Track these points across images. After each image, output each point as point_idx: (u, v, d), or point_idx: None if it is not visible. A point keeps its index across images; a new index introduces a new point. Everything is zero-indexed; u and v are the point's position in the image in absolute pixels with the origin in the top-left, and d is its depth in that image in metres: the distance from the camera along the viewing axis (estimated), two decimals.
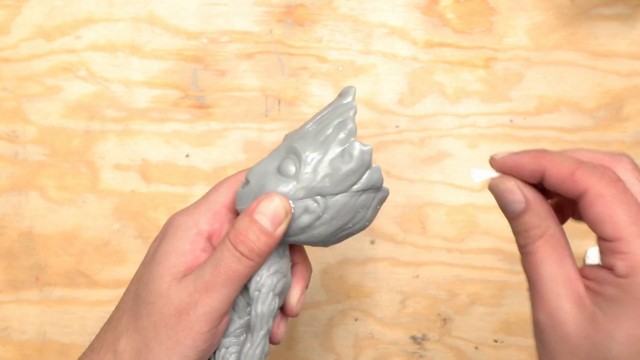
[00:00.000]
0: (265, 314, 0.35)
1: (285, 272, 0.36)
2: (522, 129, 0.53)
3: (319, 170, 0.34)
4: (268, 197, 0.33)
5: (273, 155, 0.36)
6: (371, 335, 0.53)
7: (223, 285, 0.33)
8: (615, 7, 0.53)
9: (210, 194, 0.36)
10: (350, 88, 0.35)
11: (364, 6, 0.53)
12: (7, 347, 0.53)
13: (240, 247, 0.33)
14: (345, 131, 0.34)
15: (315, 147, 0.34)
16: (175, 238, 0.35)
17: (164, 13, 0.53)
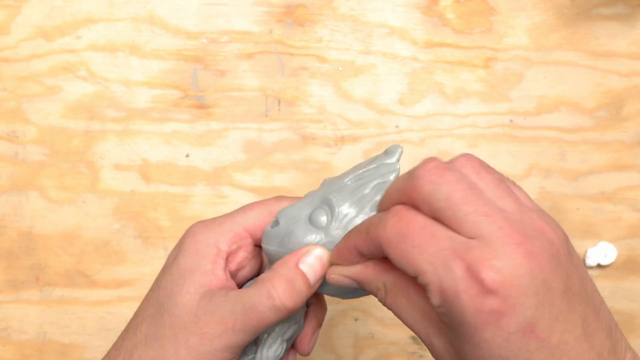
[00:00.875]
0: (270, 358, 0.35)
1: (297, 318, 0.36)
2: (522, 129, 0.53)
3: (350, 228, 0.33)
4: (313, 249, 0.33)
5: (307, 201, 0.35)
6: (371, 335, 0.53)
7: (251, 328, 0.32)
8: (615, 7, 0.53)
9: (237, 213, 0.36)
10: (397, 148, 0.34)
11: (364, 6, 0.53)
12: (7, 347, 0.53)
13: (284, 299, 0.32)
14: (383, 194, 0.33)
15: (350, 204, 0.33)
16: (197, 255, 0.34)
17: (164, 13, 0.53)
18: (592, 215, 0.53)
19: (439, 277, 0.26)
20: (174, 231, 0.53)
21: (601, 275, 0.53)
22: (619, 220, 0.53)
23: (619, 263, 0.53)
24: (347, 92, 0.53)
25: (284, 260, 0.33)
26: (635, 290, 0.53)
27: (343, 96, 0.53)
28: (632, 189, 0.53)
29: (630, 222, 0.53)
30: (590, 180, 0.53)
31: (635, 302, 0.53)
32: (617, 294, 0.53)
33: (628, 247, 0.53)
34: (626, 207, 0.53)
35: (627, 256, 0.53)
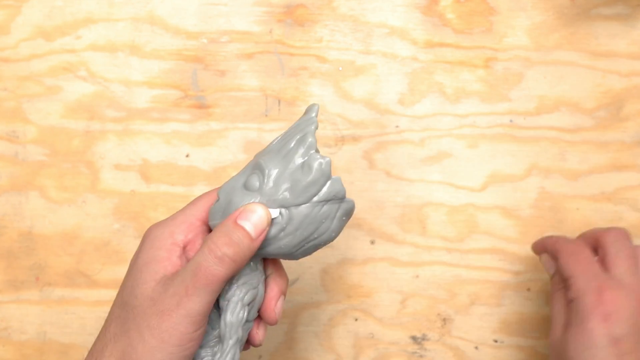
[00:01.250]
0: (235, 324, 0.36)
1: (255, 284, 0.37)
2: (522, 129, 0.53)
3: (280, 183, 0.36)
4: (250, 205, 0.35)
5: (241, 173, 0.37)
6: (371, 335, 0.53)
7: (203, 288, 0.34)
8: (615, 7, 0.53)
9: (187, 208, 0.38)
10: (314, 105, 0.37)
11: (364, 6, 0.53)
12: (7, 347, 0.53)
13: (223, 249, 0.34)
14: (304, 145, 0.36)
15: (278, 161, 0.36)
16: (153, 248, 0.36)
17: (164, 13, 0.53)
18: (592, 215, 0.53)
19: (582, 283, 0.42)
20: None
21: None
22: (619, 220, 0.53)
23: None
24: (347, 92, 0.53)
25: (224, 220, 0.35)
26: None
27: (343, 96, 0.53)
28: (632, 189, 0.53)
29: (630, 222, 0.53)
30: (590, 180, 0.53)
31: None
32: None
33: None
34: (626, 207, 0.53)
35: None
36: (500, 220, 0.53)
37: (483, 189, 0.53)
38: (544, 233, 0.53)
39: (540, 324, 0.53)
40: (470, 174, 0.53)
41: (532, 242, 0.50)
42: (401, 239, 0.53)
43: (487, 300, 0.53)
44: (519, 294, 0.53)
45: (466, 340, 0.53)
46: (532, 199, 0.53)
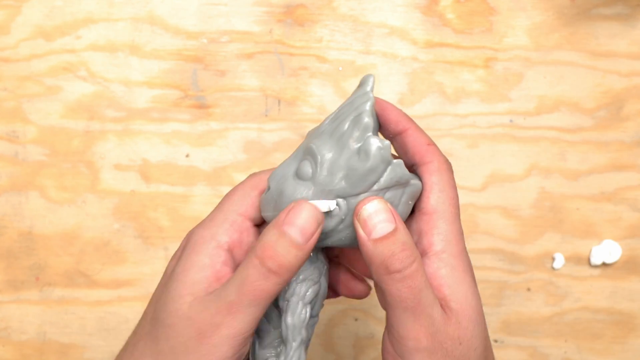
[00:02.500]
0: (297, 325, 0.33)
1: (316, 278, 0.34)
2: (522, 129, 0.53)
3: (335, 171, 0.32)
4: (298, 205, 0.31)
5: (292, 156, 0.34)
6: (371, 335, 0.53)
7: (249, 305, 0.30)
8: (615, 7, 0.53)
9: (223, 204, 0.34)
10: (368, 76, 0.33)
11: (364, 6, 0.53)
12: (7, 347, 0.53)
13: (269, 263, 0.30)
14: (360, 127, 0.32)
15: (331, 146, 0.32)
16: (193, 253, 0.32)
17: (164, 13, 0.53)
18: (592, 215, 0.53)
19: None
20: (174, 231, 0.53)
21: (602, 275, 0.53)
22: (619, 220, 0.53)
23: (619, 263, 0.53)
24: (347, 92, 0.53)
25: (270, 224, 0.31)
26: (636, 290, 0.53)
27: (343, 96, 0.53)
28: (632, 189, 0.53)
29: (630, 222, 0.53)
30: (590, 180, 0.53)
31: (635, 302, 0.53)
32: (617, 294, 0.53)
33: (628, 247, 0.53)
34: (626, 207, 0.53)
35: (628, 256, 0.53)
36: (500, 220, 0.53)
37: (483, 189, 0.53)
38: (544, 233, 0.53)
39: (540, 324, 0.53)
40: (470, 174, 0.53)
41: (532, 242, 0.50)
42: None
43: (487, 300, 0.53)
44: (519, 294, 0.53)
45: None
46: (532, 199, 0.53)
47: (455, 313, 0.31)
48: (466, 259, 0.33)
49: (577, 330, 0.53)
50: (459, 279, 0.32)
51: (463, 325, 0.31)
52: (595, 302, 0.53)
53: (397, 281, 0.30)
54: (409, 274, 0.30)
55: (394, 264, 0.30)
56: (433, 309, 0.30)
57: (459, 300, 0.31)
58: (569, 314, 0.53)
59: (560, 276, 0.53)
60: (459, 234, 0.33)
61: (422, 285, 0.30)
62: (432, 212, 0.32)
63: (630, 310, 0.53)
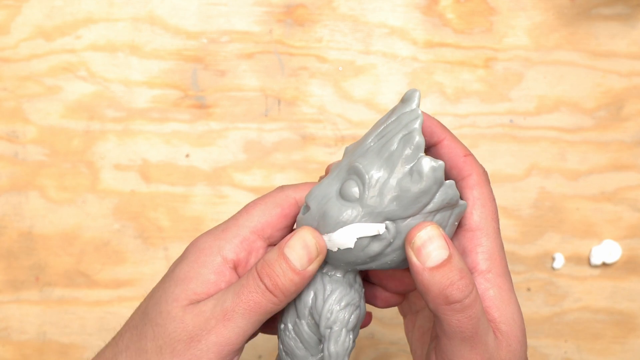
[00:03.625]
0: (340, 354, 0.32)
1: (357, 302, 0.33)
2: (522, 129, 0.53)
3: (386, 192, 0.30)
4: (301, 231, 0.31)
5: (333, 175, 0.32)
6: (371, 335, 0.53)
7: (242, 315, 0.30)
8: (615, 7, 0.53)
9: (240, 216, 0.33)
10: (414, 92, 0.31)
11: (364, 6, 0.53)
12: (7, 347, 0.53)
13: (265, 280, 0.30)
14: (411, 146, 0.30)
15: (380, 165, 0.30)
16: (197, 263, 0.32)
17: (164, 13, 0.53)
18: (592, 215, 0.53)
19: None
20: (174, 231, 0.53)
21: (602, 275, 0.53)
22: (619, 220, 0.53)
23: (619, 263, 0.53)
24: (347, 92, 0.53)
25: (277, 245, 0.31)
26: (636, 290, 0.53)
27: (343, 96, 0.53)
28: (632, 189, 0.53)
29: (630, 222, 0.53)
30: (590, 180, 0.53)
31: (635, 302, 0.53)
32: (618, 294, 0.53)
33: (628, 247, 0.53)
34: (626, 207, 0.53)
35: (628, 256, 0.53)
36: (501, 221, 0.53)
37: None
38: (544, 233, 0.53)
39: (540, 324, 0.53)
40: None
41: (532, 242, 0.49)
42: None
43: None
44: (519, 294, 0.53)
45: None
46: (532, 199, 0.53)
47: (506, 336, 0.30)
48: (509, 277, 0.32)
49: (577, 330, 0.53)
50: (505, 299, 0.31)
51: (513, 348, 0.31)
52: (595, 302, 0.53)
53: (457, 311, 0.29)
54: (468, 304, 0.29)
55: (453, 294, 0.29)
56: (488, 335, 0.30)
57: (507, 322, 0.31)
58: (569, 314, 0.53)
59: (560, 276, 0.53)
60: (502, 251, 0.32)
61: (480, 313, 0.29)
62: (475, 229, 0.31)
63: (630, 310, 0.53)
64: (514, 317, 0.31)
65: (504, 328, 0.30)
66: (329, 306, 0.32)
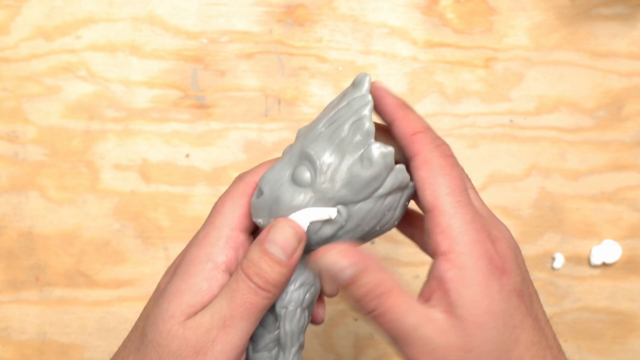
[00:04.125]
0: (295, 332, 0.33)
1: (311, 281, 0.33)
2: (522, 129, 0.53)
3: (337, 178, 0.31)
4: (278, 223, 0.31)
5: (286, 160, 0.32)
6: (371, 335, 0.53)
7: (241, 318, 0.30)
8: (615, 7, 0.53)
9: (215, 218, 0.33)
10: (365, 76, 0.32)
11: (364, 6, 0.53)
12: (7, 347, 0.53)
13: (255, 279, 0.31)
14: (361, 132, 0.31)
15: (331, 151, 0.31)
16: (188, 274, 0.32)
17: (164, 13, 0.53)
18: (592, 215, 0.53)
19: None
20: (174, 231, 0.53)
21: (602, 275, 0.53)
22: (619, 220, 0.53)
23: (619, 263, 0.53)
24: None
25: (255, 241, 0.31)
26: (636, 290, 0.53)
27: None
28: (632, 189, 0.53)
29: (630, 222, 0.53)
30: (590, 180, 0.53)
31: (635, 302, 0.53)
32: (618, 294, 0.53)
33: (628, 247, 0.53)
34: (626, 207, 0.53)
35: (628, 256, 0.53)
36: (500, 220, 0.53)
37: (483, 189, 0.53)
38: (544, 233, 0.53)
39: None
40: (470, 174, 0.53)
41: (532, 242, 0.49)
42: (401, 239, 0.53)
43: None
44: None
45: None
46: (532, 199, 0.53)
47: (459, 320, 0.29)
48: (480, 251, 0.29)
49: (577, 330, 0.53)
50: (467, 280, 0.29)
51: (469, 332, 0.29)
52: (595, 302, 0.53)
53: (373, 320, 0.30)
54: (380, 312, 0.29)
55: (365, 307, 0.29)
56: (423, 329, 0.29)
57: (465, 305, 0.29)
58: (569, 314, 0.53)
59: (560, 276, 0.53)
60: (467, 223, 0.30)
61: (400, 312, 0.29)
62: (429, 210, 0.30)
63: (630, 310, 0.53)
64: (475, 299, 0.29)
65: (459, 312, 0.29)
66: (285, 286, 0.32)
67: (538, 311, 0.31)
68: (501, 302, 0.29)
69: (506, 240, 0.31)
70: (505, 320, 0.29)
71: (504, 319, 0.29)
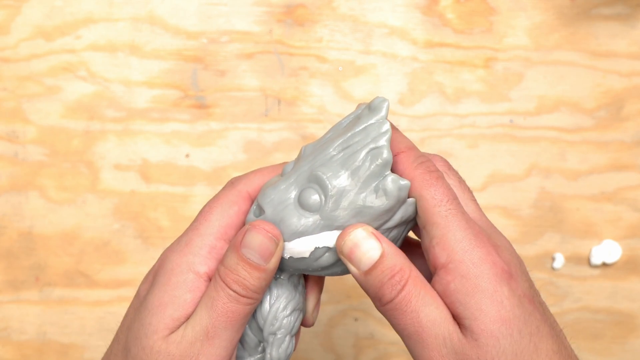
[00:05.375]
0: (282, 357, 0.32)
1: (301, 307, 0.33)
2: (522, 129, 0.53)
3: (348, 206, 0.30)
4: (253, 228, 0.30)
5: (291, 180, 0.31)
6: (371, 335, 0.53)
7: (224, 328, 0.30)
8: (615, 7, 0.53)
9: (200, 224, 0.32)
10: (383, 102, 0.30)
11: (364, 6, 0.53)
12: (7, 347, 0.53)
13: (234, 287, 0.30)
14: (378, 162, 0.29)
15: (344, 178, 0.30)
16: (169, 285, 0.31)
17: (164, 13, 0.53)
18: (592, 215, 0.53)
19: None
20: (174, 231, 0.53)
21: (601, 275, 0.53)
22: (619, 220, 0.53)
23: (619, 263, 0.53)
24: (347, 92, 0.53)
25: (230, 246, 0.30)
26: (636, 290, 0.53)
27: (343, 96, 0.53)
28: (632, 189, 0.53)
29: (630, 222, 0.53)
30: (590, 180, 0.53)
31: (635, 302, 0.53)
32: (618, 294, 0.53)
33: (628, 247, 0.53)
34: (626, 207, 0.53)
35: (628, 256, 0.53)
36: (500, 220, 0.53)
37: (483, 189, 0.53)
38: (544, 233, 0.53)
39: None
40: (470, 174, 0.53)
41: (532, 242, 0.49)
42: None
43: None
44: None
45: None
46: (532, 199, 0.53)
47: (470, 331, 0.27)
48: (481, 256, 0.28)
49: (577, 330, 0.53)
50: (470, 288, 0.28)
51: (482, 343, 0.27)
52: (595, 302, 0.53)
53: (392, 311, 0.29)
54: (399, 301, 0.28)
55: (384, 295, 0.28)
56: (441, 327, 0.28)
57: (472, 315, 0.27)
58: (569, 314, 0.53)
59: (560, 276, 0.53)
60: (462, 230, 0.29)
61: (419, 306, 0.28)
62: (423, 227, 0.30)
63: (630, 310, 0.53)
64: (481, 308, 0.27)
65: (467, 323, 0.27)
66: (274, 312, 0.31)
67: (551, 318, 0.30)
68: (513, 307, 0.28)
69: (507, 249, 0.30)
70: (520, 328, 0.28)
71: (518, 326, 0.27)
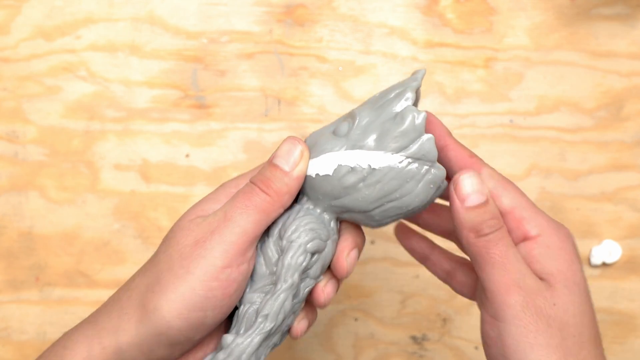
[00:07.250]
0: (292, 266, 0.34)
1: (323, 237, 0.35)
2: (522, 129, 0.53)
3: (370, 130, 0.34)
4: (284, 141, 0.35)
5: (335, 121, 0.36)
6: (371, 335, 0.53)
7: (240, 214, 0.33)
8: (615, 7, 0.53)
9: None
10: (420, 70, 0.35)
11: (364, 6, 0.53)
12: (7, 347, 0.53)
13: (258, 184, 0.34)
14: (402, 97, 0.33)
15: (372, 111, 0.34)
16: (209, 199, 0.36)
17: (164, 13, 0.53)
18: (592, 215, 0.53)
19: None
20: None
21: (602, 275, 0.53)
22: (619, 220, 0.53)
23: (619, 263, 0.53)
24: (347, 92, 0.53)
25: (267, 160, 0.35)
26: (636, 290, 0.53)
27: (343, 96, 0.53)
28: (632, 189, 0.53)
29: (630, 222, 0.53)
30: (590, 180, 0.53)
31: (635, 302, 0.53)
32: (618, 294, 0.53)
33: (628, 247, 0.53)
34: (626, 207, 0.53)
35: (628, 256, 0.53)
36: None
37: None
38: None
39: None
40: None
41: None
42: None
43: None
44: None
45: (466, 340, 0.53)
46: (532, 198, 0.53)
47: (547, 278, 0.33)
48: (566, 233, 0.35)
49: None
50: (553, 255, 0.33)
51: (556, 288, 0.32)
52: (595, 302, 0.53)
53: (485, 242, 0.33)
54: (494, 237, 0.33)
55: (483, 229, 0.33)
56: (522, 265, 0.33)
57: (552, 271, 0.33)
58: None
59: None
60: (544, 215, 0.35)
61: (509, 245, 0.33)
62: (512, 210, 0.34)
63: (630, 310, 0.53)
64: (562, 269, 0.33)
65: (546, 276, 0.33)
66: (296, 224, 0.34)
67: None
68: (583, 280, 0.34)
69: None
70: (587, 296, 0.34)
71: (586, 294, 0.34)
